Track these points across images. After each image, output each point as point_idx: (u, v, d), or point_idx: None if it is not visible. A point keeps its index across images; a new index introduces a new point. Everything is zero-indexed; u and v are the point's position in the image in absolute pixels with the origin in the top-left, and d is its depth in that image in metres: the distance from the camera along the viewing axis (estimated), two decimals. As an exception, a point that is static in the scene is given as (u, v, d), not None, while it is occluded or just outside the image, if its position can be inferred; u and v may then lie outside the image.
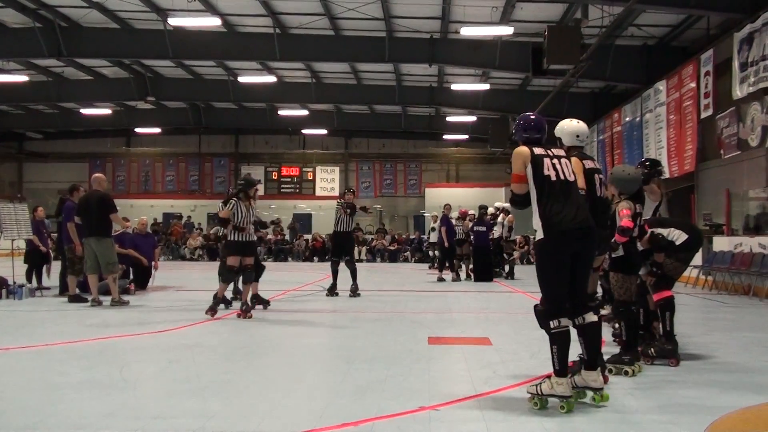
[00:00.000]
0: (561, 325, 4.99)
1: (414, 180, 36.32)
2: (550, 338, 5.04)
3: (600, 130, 24.95)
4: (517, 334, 8.56)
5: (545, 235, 5.05)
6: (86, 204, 11.39)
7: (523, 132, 5.33)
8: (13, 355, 7.10)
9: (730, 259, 14.16)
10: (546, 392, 4.96)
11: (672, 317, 6.68)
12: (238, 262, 10.11)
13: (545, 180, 5.09)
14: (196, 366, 6.50)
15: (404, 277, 19.55)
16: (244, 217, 10.22)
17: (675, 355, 6.57)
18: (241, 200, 10.27)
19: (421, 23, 20.41)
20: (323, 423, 4.58)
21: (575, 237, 5.07)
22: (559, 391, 4.92)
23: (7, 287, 12.29)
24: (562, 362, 4.97)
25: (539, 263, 5.20)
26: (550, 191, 5.08)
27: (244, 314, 9.77)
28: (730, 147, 15.61)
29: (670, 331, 6.67)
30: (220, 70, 26.12)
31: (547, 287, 5.12)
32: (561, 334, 4.98)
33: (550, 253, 5.08)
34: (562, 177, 5.13)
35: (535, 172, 5.11)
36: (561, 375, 4.95)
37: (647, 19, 18.74)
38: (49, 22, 20.60)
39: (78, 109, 30.94)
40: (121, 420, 4.67)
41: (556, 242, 5.04)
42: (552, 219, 5.04)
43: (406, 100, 28.30)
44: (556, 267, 5.07)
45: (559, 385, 4.92)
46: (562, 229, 5.03)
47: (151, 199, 35.46)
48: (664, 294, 6.69)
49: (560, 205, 5.07)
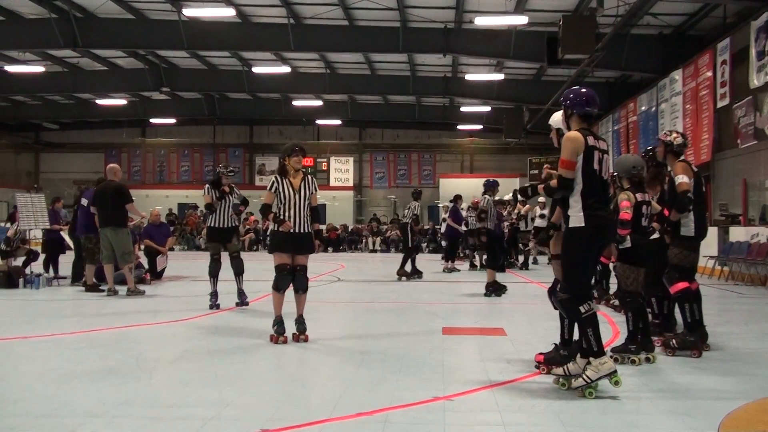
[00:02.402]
0: (591, 308, 5.10)
1: (428, 170, 36.24)
2: (581, 323, 5.09)
3: (615, 119, 24.81)
4: (532, 325, 8.55)
5: (586, 224, 5.08)
6: (102, 194, 11.45)
7: (586, 105, 5.28)
8: (31, 344, 7.16)
9: (747, 250, 14.06)
10: (594, 377, 4.98)
11: (693, 308, 6.60)
12: (289, 260, 7.34)
13: (593, 173, 5.12)
14: (211, 355, 6.53)
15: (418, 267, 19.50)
16: (290, 200, 7.29)
17: (697, 346, 6.52)
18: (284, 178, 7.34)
19: (435, 13, 20.32)
20: (338, 412, 4.59)
21: (610, 231, 5.33)
22: (605, 370, 4.98)
23: (24, 277, 12.39)
24: (599, 342, 5.06)
25: (573, 251, 5.21)
26: (595, 185, 5.12)
27: (299, 336, 7.27)
28: (746, 136, 15.49)
29: (692, 322, 6.59)
30: (234, 60, 26.14)
31: (577, 274, 5.18)
32: (592, 316, 5.08)
33: (586, 242, 5.13)
34: (604, 174, 5.20)
35: (586, 164, 5.11)
36: (601, 354, 5.03)
37: (663, 8, 18.57)
38: (64, 13, 20.68)
39: (93, 100, 31.10)
40: (137, 408, 4.71)
41: (594, 233, 5.11)
42: (595, 212, 5.09)
43: (420, 90, 28.23)
44: (588, 255, 5.18)
45: (603, 365, 4.98)
46: (601, 222, 5.12)
47: (166, 189, 35.59)
48: (680, 286, 6.62)
49: (602, 199, 5.16)
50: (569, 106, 5.31)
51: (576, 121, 5.28)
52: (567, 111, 5.34)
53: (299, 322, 7.28)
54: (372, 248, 28.43)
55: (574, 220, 5.13)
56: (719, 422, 4.42)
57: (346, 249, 28.64)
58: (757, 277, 13.65)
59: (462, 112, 31.18)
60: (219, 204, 9.86)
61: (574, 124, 5.29)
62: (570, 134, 5.18)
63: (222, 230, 9.95)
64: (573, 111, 5.28)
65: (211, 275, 9.80)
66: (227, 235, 10.03)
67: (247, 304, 9.83)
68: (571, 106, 5.29)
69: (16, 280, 12.26)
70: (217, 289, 9.79)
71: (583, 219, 5.07)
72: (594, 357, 5.01)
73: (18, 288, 12.12)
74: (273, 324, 7.13)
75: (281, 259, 7.25)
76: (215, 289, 9.80)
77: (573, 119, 5.30)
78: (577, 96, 5.30)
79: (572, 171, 5.10)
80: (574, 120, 5.29)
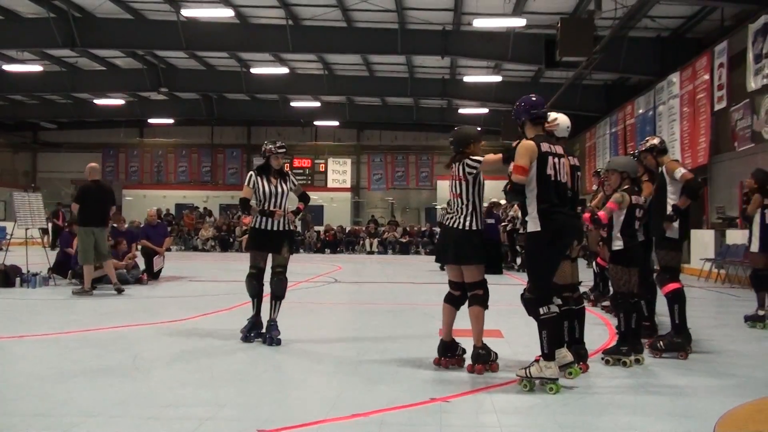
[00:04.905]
0: (551, 311, 5.27)
1: (426, 172, 36.26)
2: (539, 324, 5.29)
3: (613, 122, 24.83)
4: (529, 327, 8.46)
5: (542, 229, 5.28)
6: (90, 193, 11.51)
7: (532, 108, 5.53)
8: (27, 343, 7.16)
9: (743, 253, 14.05)
10: (535, 375, 5.21)
11: (682, 309, 6.67)
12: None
13: (547, 179, 5.31)
14: (208, 355, 6.53)
15: (416, 269, 19.54)
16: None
17: (684, 348, 6.56)
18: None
19: (433, 15, 20.33)
20: (334, 413, 4.59)
21: (567, 233, 5.46)
22: (548, 374, 5.17)
23: (20, 276, 12.38)
24: (551, 346, 5.24)
25: (533, 254, 5.48)
26: (549, 189, 5.31)
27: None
28: (743, 139, 15.51)
29: (680, 323, 6.66)
30: (232, 61, 26.14)
31: (539, 276, 5.39)
32: (550, 319, 5.27)
33: (545, 245, 5.33)
34: (560, 178, 5.37)
35: (540, 170, 5.30)
36: (549, 359, 5.22)
37: (661, 11, 18.59)
38: (63, 13, 20.66)
39: (91, 100, 31.10)
40: (134, 408, 4.71)
41: (552, 237, 5.30)
42: (550, 216, 5.28)
43: (418, 92, 28.26)
44: (549, 258, 5.38)
45: (548, 369, 5.18)
46: (558, 225, 5.30)
47: (164, 189, 35.59)
48: (671, 286, 6.71)
49: (557, 203, 5.33)
50: (519, 115, 5.58)
51: (530, 128, 5.53)
52: (518, 120, 5.59)
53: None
54: (369, 250, 28.40)
55: (531, 225, 5.35)
56: (715, 423, 4.43)
57: (344, 250, 28.62)
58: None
59: (460, 114, 31.16)
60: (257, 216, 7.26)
61: (529, 131, 5.53)
62: (524, 142, 5.41)
63: (271, 234, 7.21)
64: (523, 118, 5.55)
65: (252, 295, 7.28)
66: (278, 241, 7.23)
67: (279, 342, 7.02)
68: (518, 115, 5.59)
69: (13, 278, 12.24)
70: (260, 317, 7.26)
71: (539, 224, 5.28)
72: (543, 359, 5.21)
73: (15, 287, 12.10)
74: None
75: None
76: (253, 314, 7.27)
77: (526, 126, 5.55)
78: (524, 103, 5.58)
79: (524, 177, 5.28)
80: (528, 127, 5.54)
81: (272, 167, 7.27)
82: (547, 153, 5.32)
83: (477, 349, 5.87)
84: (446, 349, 6.05)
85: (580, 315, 6.10)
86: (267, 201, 7.16)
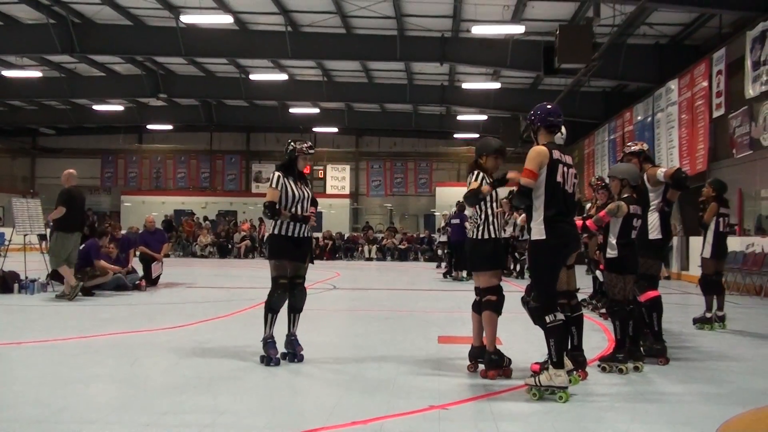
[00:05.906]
0: (557, 318, 5.26)
1: (425, 179, 36.26)
2: (546, 332, 5.27)
3: (611, 129, 24.84)
4: (527, 334, 8.52)
5: (547, 236, 5.29)
6: (74, 199, 11.75)
7: (548, 116, 5.53)
8: (25, 349, 7.14)
9: (742, 260, 14.09)
10: (545, 383, 5.16)
11: (660, 317, 6.77)
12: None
13: (556, 186, 5.33)
14: (207, 362, 6.51)
15: (414, 275, 19.54)
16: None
17: (664, 354, 6.66)
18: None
19: (432, 22, 20.36)
20: (333, 421, 4.58)
21: (571, 242, 5.52)
22: (557, 382, 5.14)
23: (19, 282, 12.37)
24: (560, 354, 5.21)
25: (537, 262, 5.45)
26: (557, 197, 5.33)
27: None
28: (742, 146, 15.52)
29: (659, 331, 6.76)
30: (231, 67, 26.16)
31: (544, 284, 5.39)
32: (557, 327, 5.24)
33: (549, 253, 5.34)
34: (568, 187, 5.41)
35: (549, 177, 5.32)
36: (559, 366, 5.18)
37: (659, 18, 18.65)
38: (62, 19, 20.68)
39: (90, 106, 31.09)
40: (132, 414, 4.69)
41: (556, 245, 5.33)
42: (557, 224, 5.30)
43: (417, 98, 28.24)
44: (553, 266, 5.39)
45: (557, 377, 5.14)
46: (563, 234, 5.34)
47: (163, 195, 35.54)
48: (650, 294, 6.81)
49: (563, 211, 5.36)
50: (534, 122, 5.58)
51: (543, 135, 5.55)
52: (533, 126, 5.59)
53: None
54: (368, 256, 28.38)
55: (536, 232, 5.36)
56: (716, 430, 4.42)
57: (342, 257, 28.60)
58: (752, 287, 13.67)
59: (459, 120, 31.21)
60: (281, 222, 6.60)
61: (542, 138, 5.54)
62: (536, 147, 5.42)
63: (299, 241, 6.66)
64: (539, 125, 5.55)
65: (270, 310, 6.54)
66: (305, 249, 6.79)
67: (301, 358, 6.61)
68: (537, 121, 5.56)
69: (11, 284, 12.24)
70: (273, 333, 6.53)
71: (545, 232, 5.30)
72: (553, 367, 5.18)
73: (13, 293, 12.09)
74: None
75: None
76: (272, 332, 6.52)
77: (540, 133, 5.57)
78: (541, 111, 5.58)
79: (533, 181, 5.30)
80: (542, 134, 5.55)
81: (297, 168, 6.80)
82: (558, 161, 5.35)
83: (489, 354, 5.89)
84: (491, 360, 5.91)
85: (578, 322, 6.10)
86: (293, 205, 6.59)
